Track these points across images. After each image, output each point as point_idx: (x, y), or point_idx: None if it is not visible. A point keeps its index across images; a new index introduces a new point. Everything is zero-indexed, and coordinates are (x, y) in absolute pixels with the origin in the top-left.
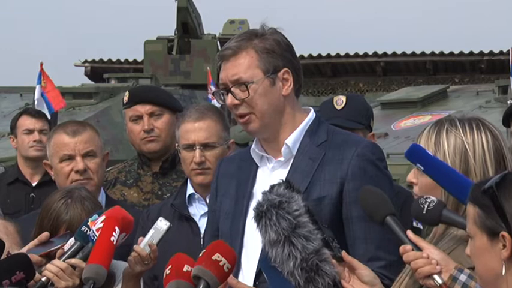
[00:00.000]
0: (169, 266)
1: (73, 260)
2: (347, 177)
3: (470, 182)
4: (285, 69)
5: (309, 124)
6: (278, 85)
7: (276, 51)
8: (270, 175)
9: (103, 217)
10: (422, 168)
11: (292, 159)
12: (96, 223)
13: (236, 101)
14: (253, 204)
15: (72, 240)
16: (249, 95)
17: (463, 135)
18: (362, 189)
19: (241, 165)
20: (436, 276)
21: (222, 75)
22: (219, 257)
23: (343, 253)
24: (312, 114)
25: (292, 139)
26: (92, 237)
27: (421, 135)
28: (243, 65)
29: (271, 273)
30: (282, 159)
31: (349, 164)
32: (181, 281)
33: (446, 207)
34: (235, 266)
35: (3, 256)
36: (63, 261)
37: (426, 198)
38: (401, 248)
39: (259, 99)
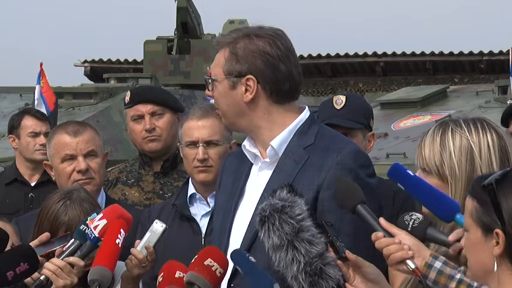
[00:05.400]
0: (161, 274)
1: (71, 258)
2: (323, 185)
3: (452, 202)
4: (249, 76)
5: (300, 125)
6: (240, 90)
7: (243, 56)
8: (257, 175)
9: (101, 215)
10: (403, 188)
11: (278, 161)
12: (94, 221)
13: (209, 93)
14: (242, 202)
15: (72, 240)
16: (212, 90)
17: (468, 135)
18: (335, 179)
19: (241, 161)
20: (409, 261)
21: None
22: (211, 262)
23: (347, 252)
24: (304, 115)
25: (279, 141)
26: (90, 236)
27: (425, 136)
28: (215, 62)
29: (247, 267)
30: (267, 160)
31: (327, 172)
32: None
33: (431, 225)
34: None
35: (8, 248)
36: (62, 259)
37: (411, 215)
38: (373, 235)
39: (219, 98)
